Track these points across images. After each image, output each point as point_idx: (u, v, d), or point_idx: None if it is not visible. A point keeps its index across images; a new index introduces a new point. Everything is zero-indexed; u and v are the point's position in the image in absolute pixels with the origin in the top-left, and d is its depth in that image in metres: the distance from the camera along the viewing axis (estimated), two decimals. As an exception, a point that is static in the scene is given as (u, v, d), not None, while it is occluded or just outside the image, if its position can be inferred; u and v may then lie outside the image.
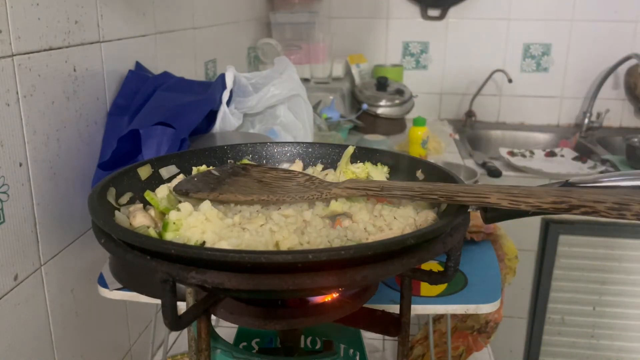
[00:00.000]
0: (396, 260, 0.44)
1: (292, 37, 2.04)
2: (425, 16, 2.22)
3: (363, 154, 0.68)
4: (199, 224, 0.50)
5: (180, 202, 0.56)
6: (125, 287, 0.77)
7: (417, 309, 0.73)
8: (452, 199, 0.49)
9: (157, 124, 0.82)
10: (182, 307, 0.52)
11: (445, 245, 0.47)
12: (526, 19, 2.17)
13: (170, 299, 0.44)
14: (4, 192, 0.66)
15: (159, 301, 0.56)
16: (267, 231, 0.49)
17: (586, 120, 2.15)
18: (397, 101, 2.00)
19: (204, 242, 0.48)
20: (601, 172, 1.73)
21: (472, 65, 2.23)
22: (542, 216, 1.63)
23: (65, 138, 0.79)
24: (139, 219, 0.53)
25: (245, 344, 0.75)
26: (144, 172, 0.61)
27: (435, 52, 2.25)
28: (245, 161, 0.69)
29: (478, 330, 1.07)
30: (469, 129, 2.19)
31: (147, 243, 0.43)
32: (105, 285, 0.78)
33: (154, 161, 0.63)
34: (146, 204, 0.58)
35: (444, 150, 1.84)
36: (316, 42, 2.01)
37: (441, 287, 0.77)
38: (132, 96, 0.92)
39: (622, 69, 2.15)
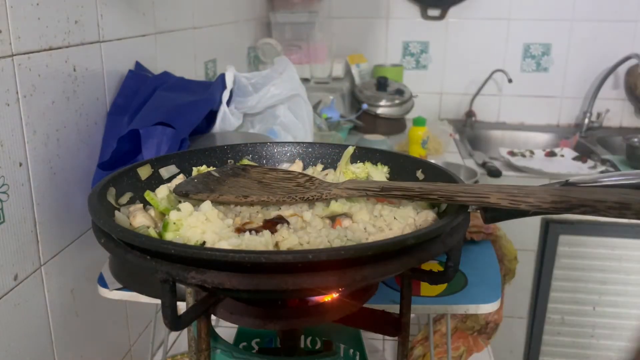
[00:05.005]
0: (396, 260, 0.44)
1: (292, 37, 2.04)
2: (425, 16, 2.22)
3: (363, 154, 0.68)
4: (199, 224, 0.50)
5: (180, 202, 0.56)
6: (125, 287, 0.77)
7: (417, 309, 0.73)
8: (452, 199, 0.49)
9: (157, 124, 0.82)
10: (182, 307, 0.52)
11: (445, 245, 0.47)
12: (526, 19, 2.17)
13: (170, 299, 0.44)
14: (4, 192, 0.66)
15: (159, 301, 0.56)
16: (266, 231, 0.49)
17: (586, 120, 2.15)
18: (397, 101, 2.00)
19: (204, 242, 0.48)
20: (601, 172, 1.73)
21: (472, 65, 2.23)
22: (542, 216, 1.63)
23: (65, 138, 0.79)
24: (139, 219, 0.53)
25: (245, 344, 0.75)
26: (144, 172, 0.61)
27: (435, 52, 2.25)
28: (245, 161, 0.68)
29: (478, 331, 1.07)
30: (469, 129, 2.19)
31: (147, 243, 0.43)
32: (105, 285, 0.78)
33: (154, 161, 0.63)
34: (146, 204, 0.58)
35: (444, 150, 1.84)
36: (316, 42, 2.01)
37: (441, 287, 0.77)
38: (132, 96, 0.92)
39: (622, 69, 2.15)
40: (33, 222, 0.72)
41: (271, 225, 0.51)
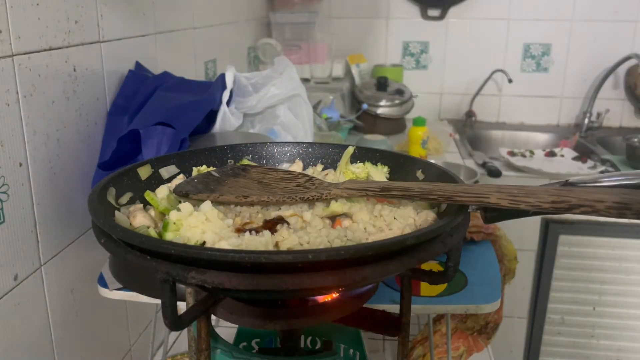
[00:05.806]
0: (396, 260, 0.44)
1: (292, 37, 2.04)
2: (425, 16, 2.22)
3: (363, 154, 0.68)
4: (199, 224, 0.50)
5: (180, 202, 0.56)
6: (125, 287, 0.77)
7: (417, 309, 0.73)
8: (452, 199, 0.49)
9: (157, 124, 0.82)
10: (182, 307, 0.52)
11: (445, 245, 0.47)
12: (526, 19, 2.17)
13: (170, 299, 0.44)
14: (4, 192, 0.66)
15: (159, 301, 0.56)
16: (266, 231, 0.49)
17: (586, 120, 2.15)
18: (397, 101, 2.00)
19: (204, 242, 0.48)
20: (601, 172, 1.73)
21: (472, 65, 2.23)
22: (542, 216, 1.63)
23: (65, 138, 0.79)
24: (139, 219, 0.53)
25: (245, 344, 0.75)
26: (144, 172, 0.61)
27: (435, 52, 2.25)
28: (245, 161, 0.68)
29: (478, 331, 1.07)
30: (469, 129, 2.19)
31: (147, 243, 0.43)
32: (105, 285, 0.78)
33: (154, 161, 0.63)
34: (146, 204, 0.58)
35: (444, 150, 1.84)
36: (316, 42, 2.01)
37: (441, 287, 0.77)
38: (132, 96, 0.92)
39: (622, 69, 2.15)
40: (33, 222, 0.72)
41: (271, 225, 0.51)
